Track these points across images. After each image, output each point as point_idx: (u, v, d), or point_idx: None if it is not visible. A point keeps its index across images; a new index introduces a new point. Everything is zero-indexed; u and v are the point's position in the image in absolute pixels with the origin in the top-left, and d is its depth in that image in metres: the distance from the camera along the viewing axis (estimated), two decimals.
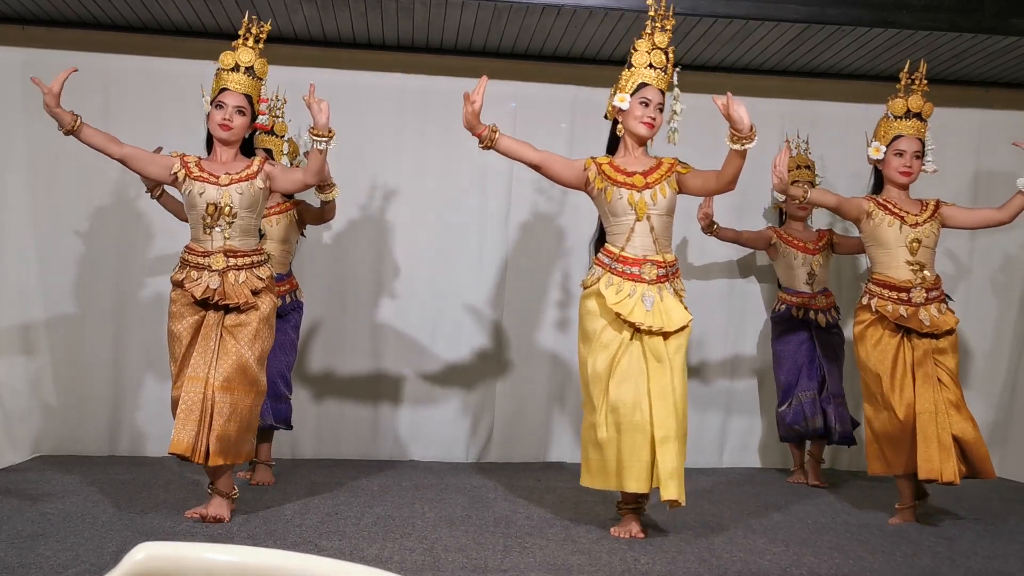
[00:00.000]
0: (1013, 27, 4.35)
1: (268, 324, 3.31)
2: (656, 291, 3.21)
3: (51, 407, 4.70)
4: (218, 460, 3.13)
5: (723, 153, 3.22)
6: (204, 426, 3.12)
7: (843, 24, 4.34)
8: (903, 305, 3.62)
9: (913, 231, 3.65)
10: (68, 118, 3.31)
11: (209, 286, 3.21)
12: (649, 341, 3.18)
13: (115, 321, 4.77)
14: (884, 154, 3.72)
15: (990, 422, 5.25)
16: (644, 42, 3.32)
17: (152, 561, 0.97)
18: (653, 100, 3.27)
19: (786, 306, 4.68)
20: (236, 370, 3.18)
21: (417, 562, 2.73)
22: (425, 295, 4.99)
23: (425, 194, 5.00)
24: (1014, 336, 5.28)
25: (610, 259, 3.26)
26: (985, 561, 3.02)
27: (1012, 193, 3.78)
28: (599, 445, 3.15)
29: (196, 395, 3.12)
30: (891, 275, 3.68)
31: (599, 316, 3.23)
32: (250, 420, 3.27)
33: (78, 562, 2.59)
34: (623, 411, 3.11)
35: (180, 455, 3.10)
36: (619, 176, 3.27)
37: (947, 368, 3.63)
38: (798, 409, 4.55)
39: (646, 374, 3.15)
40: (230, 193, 3.27)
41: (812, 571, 2.82)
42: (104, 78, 4.78)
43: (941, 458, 3.45)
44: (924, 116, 3.75)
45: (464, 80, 5.03)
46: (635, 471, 3.07)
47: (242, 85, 3.31)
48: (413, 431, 4.96)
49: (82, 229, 4.78)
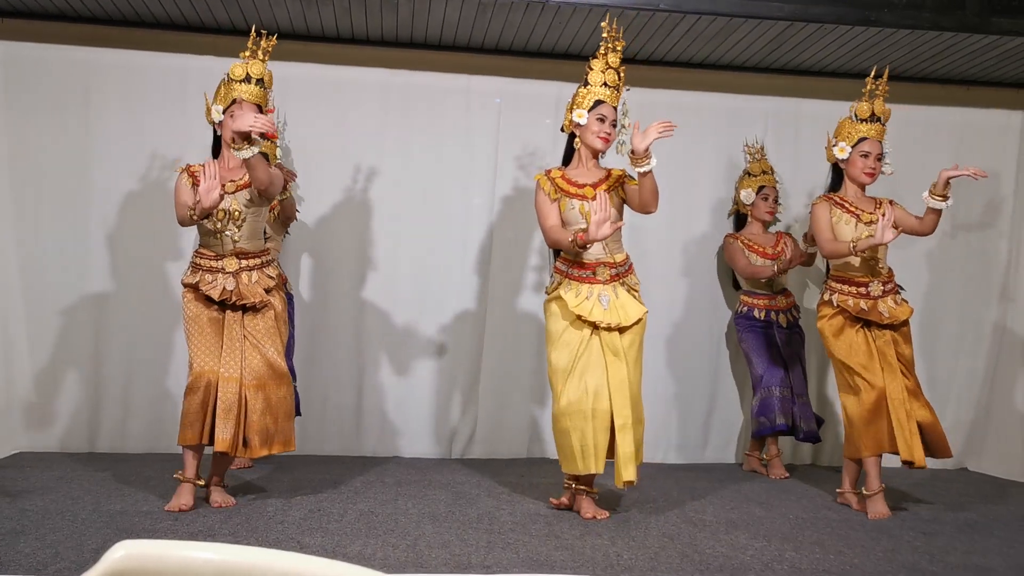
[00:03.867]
0: (994, 26, 4.39)
1: (283, 319, 3.55)
2: (611, 290, 3.52)
3: (30, 403, 4.66)
4: (262, 451, 3.37)
5: (697, 151, 3.28)
6: (241, 424, 3.35)
7: (826, 22, 4.37)
8: (863, 299, 3.85)
9: (868, 228, 3.83)
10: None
11: (225, 287, 3.42)
12: (607, 337, 3.47)
13: (95, 317, 4.73)
14: (849, 154, 3.88)
15: (969, 419, 5.30)
16: (599, 62, 3.59)
17: (132, 559, 0.96)
18: (608, 116, 3.55)
19: (749, 308, 4.83)
20: (264, 367, 3.42)
21: (400, 558, 2.72)
22: (408, 292, 4.98)
23: (408, 190, 4.99)
24: (992, 333, 5.33)
25: (567, 266, 3.58)
26: (964, 556, 3.05)
27: (993, 191, 3.84)
28: (564, 432, 3.44)
29: (233, 394, 3.34)
30: (848, 271, 3.91)
31: (561, 318, 3.52)
32: (288, 409, 3.49)
33: (58, 560, 2.57)
34: (586, 401, 3.39)
35: (224, 452, 3.33)
36: (571, 188, 3.57)
37: (904, 358, 3.86)
38: (767, 402, 4.66)
39: (605, 367, 3.44)
40: (237, 199, 3.45)
41: (793, 566, 2.83)
42: (84, 72, 4.74)
43: (912, 442, 3.69)
44: (884, 120, 3.92)
45: (448, 76, 5.04)
46: (597, 455, 3.38)
47: (253, 96, 3.46)
48: (396, 427, 4.95)
49: (62, 226, 4.73)
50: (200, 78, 4.70)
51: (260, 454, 3.37)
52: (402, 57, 4.96)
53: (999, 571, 2.87)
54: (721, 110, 5.20)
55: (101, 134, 4.76)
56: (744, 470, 4.84)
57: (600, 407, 3.38)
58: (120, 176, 4.76)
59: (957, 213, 5.31)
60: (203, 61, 4.72)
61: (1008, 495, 4.41)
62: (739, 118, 5.20)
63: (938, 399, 5.24)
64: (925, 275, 5.23)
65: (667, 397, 5.13)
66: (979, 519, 3.71)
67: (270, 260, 3.58)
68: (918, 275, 5.13)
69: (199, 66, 4.74)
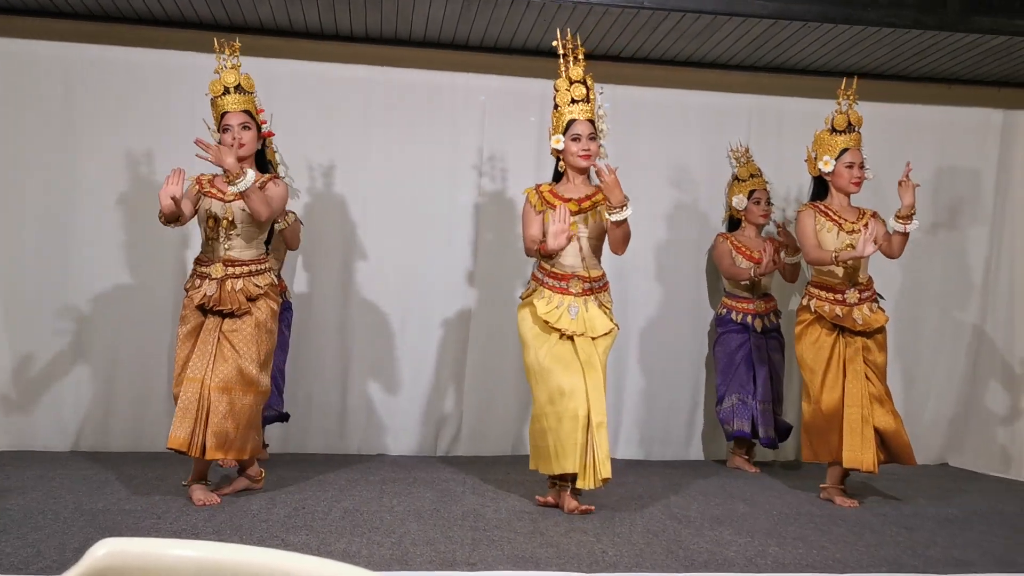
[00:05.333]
0: (975, 24, 4.42)
1: (266, 328, 3.52)
2: (582, 303, 3.58)
3: (11, 401, 4.62)
4: (217, 454, 3.35)
5: (680, 149, 3.27)
6: (200, 423, 3.34)
7: (809, 20, 4.39)
8: (839, 305, 3.94)
9: (849, 237, 3.93)
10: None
11: (206, 293, 3.46)
12: (579, 341, 3.53)
13: (77, 315, 4.69)
14: (834, 167, 3.99)
15: (950, 415, 5.35)
16: (562, 81, 3.63)
17: (114, 557, 0.96)
18: (583, 133, 3.58)
19: (727, 310, 4.88)
20: (233, 372, 3.40)
21: (385, 556, 2.72)
22: (393, 290, 4.97)
23: (393, 187, 4.97)
24: (972, 330, 5.37)
25: (543, 274, 3.65)
26: (944, 550, 3.07)
27: (975, 189, 3.88)
28: (542, 433, 3.50)
29: (193, 395, 3.35)
30: (827, 278, 4.00)
31: (532, 323, 3.61)
32: (251, 417, 3.47)
33: (40, 558, 2.55)
34: (561, 402, 3.43)
35: (176, 449, 3.33)
36: (556, 201, 3.60)
37: (875, 365, 3.94)
38: (728, 410, 4.76)
39: (581, 369, 3.48)
40: (232, 208, 3.48)
41: (777, 561, 2.85)
42: (64, 68, 4.70)
43: (863, 449, 3.77)
44: (859, 127, 4.03)
45: (433, 73, 5.03)
46: (572, 453, 3.39)
47: (238, 103, 3.54)
48: (381, 425, 4.94)
49: (42, 223, 4.69)
50: (183, 74, 4.68)
51: (214, 456, 3.36)
52: (386, 54, 4.95)
53: (979, 564, 2.90)
54: (705, 108, 5.21)
55: (83, 130, 4.72)
56: (728, 467, 4.86)
57: (576, 407, 3.40)
58: (102, 172, 4.73)
59: (938, 211, 5.35)
60: (187, 58, 4.69)
61: (988, 490, 4.46)
62: (723, 116, 5.22)
63: (919, 395, 5.30)
64: (906, 273, 5.26)
65: (652, 394, 5.14)
66: (959, 514, 3.75)
67: (262, 270, 3.55)
68: (898, 273, 5.17)
69: (182, 63, 4.71)
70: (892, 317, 4.19)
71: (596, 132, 3.60)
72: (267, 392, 3.56)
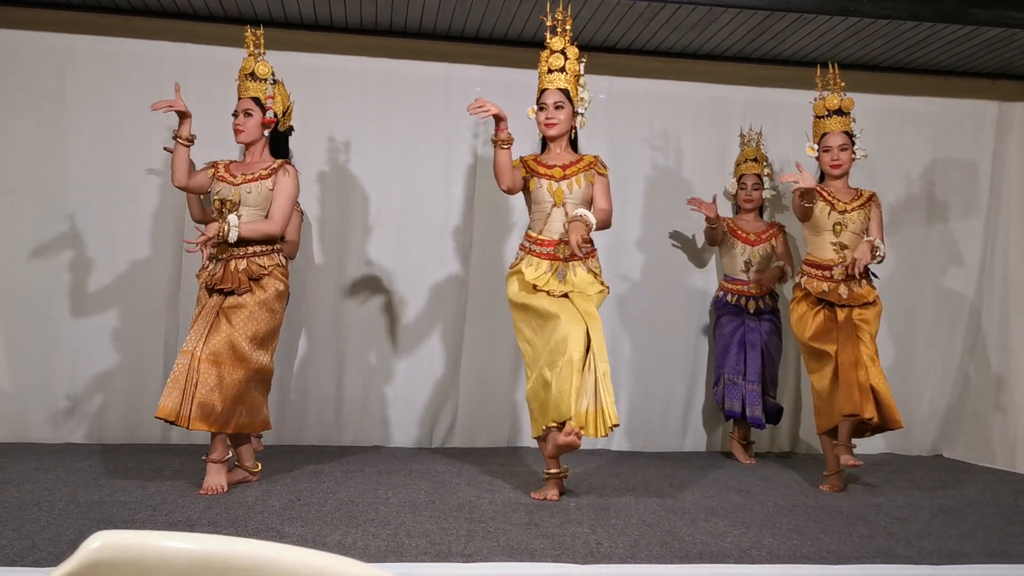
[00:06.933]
0: (971, 16, 4.42)
1: (266, 307, 3.55)
2: (570, 268, 3.63)
3: (5, 393, 4.61)
4: (200, 425, 3.37)
5: (676, 140, 3.26)
6: (188, 395, 3.36)
7: (805, 12, 4.39)
8: (825, 282, 4.07)
9: (840, 216, 4.06)
10: (186, 131, 3.59)
11: (212, 273, 3.56)
12: (573, 295, 3.58)
13: (71, 306, 4.68)
14: (818, 151, 4.14)
15: (945, 406, 5.36)
16: (544, 53, 3.73)
17: (109, 550, 0.95)
18: (548, 102, 3.68)
19: (724, 292, 4.95)
20: (225, 346, 3.42)
21: (380, 548, 2.72)
22: (388, 280, 4.96)
23: (388, 179, 4.96)
24: (968, 321, 5.38)
25: (530, 243, 3.71)
26: (939, 541, 3.08)
27: (970, 180, 3.89)
28: (546, 384, 3.45)
29: (183, 366, 3.38)
30: (818, 255, 4.12)
31: (519, 290, 3.67)
32: (240, 393, 3.46)
33: (35, 551, 2.55)
34: (563, 348, 3.41)
35: (164, 418, 3.35)
36: (540, 168, 3.71)
37: (868, 330, 4.02)
38: (721, 391, 4.82)
39: (579, 316, 3.49)
40: (240, 191, 3.57)
41: (771, 552, 2.86)
42: (58, 58, 4.68)
43: (861, 398, 3.82)
44: (845, 110, 4.10)
45: (427, 64, 5.01)
46: (567, 397, 3.37)
47: (248, 90, 3.67)
48: (377, 417, 4.94)
49: (36, 214, 4.67)
50: (176, 65, 4.66)
51: (198, 427, 3.37)
52: (381, 45, 4.93)
53: (973, 556, 2.91)
54: (701, 99, 5.21)
55: (76, 121, 4.70)
56: (726, 450, 4.90)
57: (577, 354, 3.39)
58: (95, 164, 4.71)
59: (933, 203, 5.36)
60: (180, 48, 4.67)
61: (982, 481, 4.47)
62: (719, 107, 5.22)
63: (914, 386, 5.32)
64: (902, 263, 5.27)
65: (647, 385, 5.15)
66: (954, 505, 3.76)
67: (269, 251, 3.59)
68: (895, 263, 5.18)
69: (175, 53, 4.69)
70: (886, 308, 4.20)
71: (568, 101, 3.65)
72: (262, 370, 3.55)
